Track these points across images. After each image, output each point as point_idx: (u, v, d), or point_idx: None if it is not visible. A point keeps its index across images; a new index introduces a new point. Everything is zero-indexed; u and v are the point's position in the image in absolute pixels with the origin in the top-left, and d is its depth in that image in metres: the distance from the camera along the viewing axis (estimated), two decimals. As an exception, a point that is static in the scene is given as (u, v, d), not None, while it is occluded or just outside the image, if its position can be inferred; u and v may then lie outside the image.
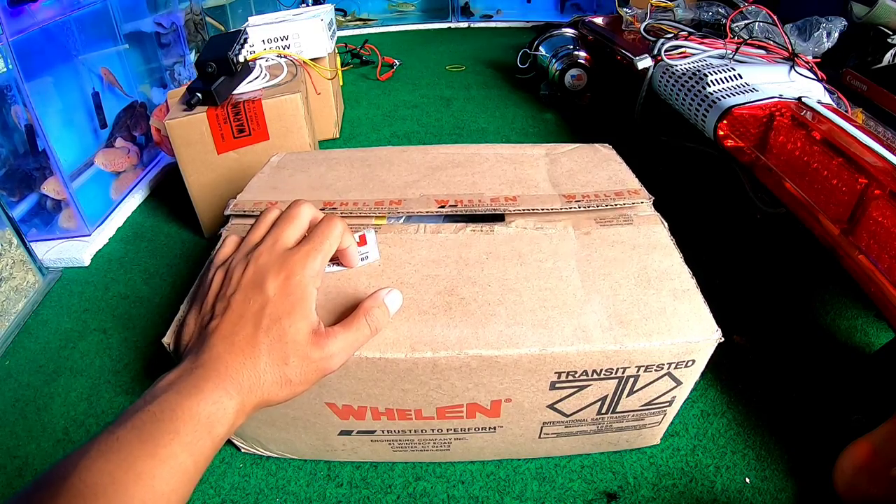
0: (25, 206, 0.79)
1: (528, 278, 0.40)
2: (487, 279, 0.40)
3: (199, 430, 0.25)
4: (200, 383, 0.27)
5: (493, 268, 0.41)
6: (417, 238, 0.44)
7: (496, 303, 0.38)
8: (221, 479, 0.48)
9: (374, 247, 0.43)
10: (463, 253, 0.43)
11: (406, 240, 0.44)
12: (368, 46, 1.55)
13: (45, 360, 0.61)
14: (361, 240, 0.44)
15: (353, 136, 1.16)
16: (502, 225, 0.45)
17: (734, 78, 0.76)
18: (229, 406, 0.27)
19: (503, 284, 0.39)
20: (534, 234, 0.44)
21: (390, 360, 0.35)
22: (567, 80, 1.18)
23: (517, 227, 0.45)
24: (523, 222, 0.46)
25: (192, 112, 0.75)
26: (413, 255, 0.43)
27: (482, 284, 0.40)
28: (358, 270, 0.41)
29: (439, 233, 0.45)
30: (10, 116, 0.75)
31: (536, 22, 1.99)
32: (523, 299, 0.38)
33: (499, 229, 0.45)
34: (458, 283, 0.40)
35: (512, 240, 0.44)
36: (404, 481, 0.47)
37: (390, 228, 0.46)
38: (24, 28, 0.74)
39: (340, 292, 0.39)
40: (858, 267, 0.51)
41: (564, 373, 0.37)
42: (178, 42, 1.23)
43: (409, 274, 0.41)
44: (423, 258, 0.42)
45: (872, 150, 0.54)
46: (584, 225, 0.45)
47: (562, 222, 0.45)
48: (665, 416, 0.44)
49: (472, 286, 0.39)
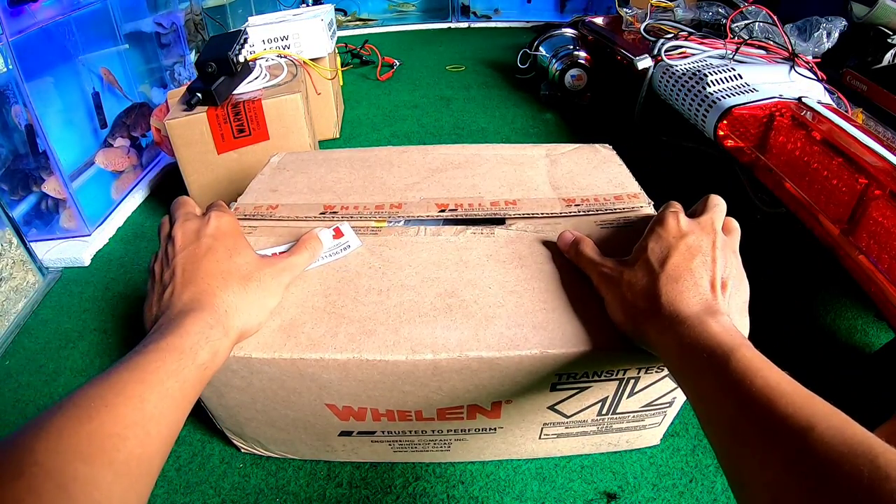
0: (25, 206, 0.79)
1: (528, 280, 0.40)
2: (488, 281, 0.40)
3: (183, 359, 0.28)
4: (179, 321, 0.30)
5: (494, 270, 0.41)
6: (418, 241, 0.44)
7: (497, 305, 0.38)
8: (221, 479, 0.48)
9: (353, 236, 0.44)
10: (463, 255, 0.43)
11: (406, 242, 0.44)
12: (368, 46, 1.55)
13: (45, 360, 0.61)
14: (337, 232, 0.44)
15: (353, 136, 1.16)
16: (502, 228, 0.45)
17: (734, 78, 0.76)
18: (211, 334, 0.30)
19: (504, 286, 0.39)
20: (534, 238, 0.44)
21: (391, 362, 0.35)
22: (567, 80, 1.18)
23: (517, 230, 0.45)
24: (524, 225, 0.46)
25: (192, 112, 0.75)
26: (413, 257, 0.43)
27: (482, 287, 0.40)
28: (358, 273, 0.41)
29: (439, 235, 0.45)
30: (10, 116, 0.74)
31: (536, 22, 1.99)
32: (524, 301, 0.38)
33: (499, 232, 0.45)
34: (458, 285, 0.40)
35: (512, 242, 0.44)
36: (404, 481, 0.47)
37: (391, 231, 0.46)
38: (24, 28, 0.74)
39: (342, 294, 0.39)
40: (858, 267, 0.51)
41: (565, 374, 0.37)
42: (178, 42, 1.23)
43: (409, 276, 0.41)
44: (423, 260, 0.42)
45: (872, 150, 0.54)
46: (585, 229, 0.45)
47: (562, 226, 0.45)
48: (665, 417, 0.44)
49: (472, 288, 0.39)
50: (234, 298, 0.33)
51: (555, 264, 0.41)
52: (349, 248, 0.43)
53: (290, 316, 0.37)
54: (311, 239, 0.42)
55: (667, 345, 0.31)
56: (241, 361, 0.35)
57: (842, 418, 0.22)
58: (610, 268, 0.36)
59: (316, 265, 0.42)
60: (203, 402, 0.41)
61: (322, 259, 0.42)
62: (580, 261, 0.40)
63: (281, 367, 0.36)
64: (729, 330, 0.29)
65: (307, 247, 0.41)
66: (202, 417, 0.51)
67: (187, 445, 0.51)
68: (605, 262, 0.37)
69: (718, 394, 0.26)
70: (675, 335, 0.30)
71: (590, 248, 0.39)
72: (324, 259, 0.42)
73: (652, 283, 0.33)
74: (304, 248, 0.41)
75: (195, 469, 0.49)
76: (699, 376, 0.28)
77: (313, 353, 0.35)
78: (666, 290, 0.32)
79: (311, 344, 0.35)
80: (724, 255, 0.33)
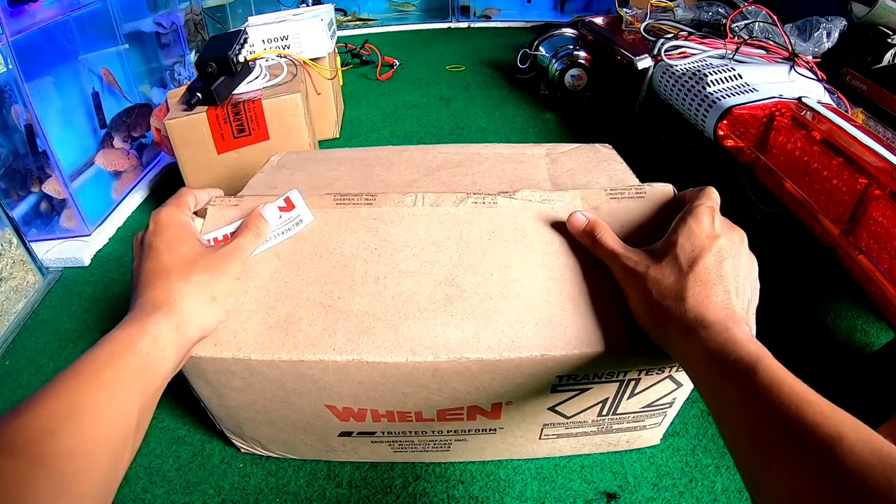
0: (25, 206, 0.79)
1: (532, 265, 0.39)
2: (489, 266, 0.39)
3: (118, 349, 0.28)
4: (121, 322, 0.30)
5: (496, 252, 0.39)
6: (416, 213, 0.42)
7: (498, 296, 0.37)
8: (221, 479, 0.48)
9: (305, 208, 0.41)
10: (464, 232, 0.41)
11: (403, 215, 0.42)
12: (368, 46, 1.55)
13: (45, 360, 0.61)
14: (287, 203, 0.41)
15: (353, 136, 1.15)
16: (506, 197, 0.43)
17: (734, 78, 0.76)
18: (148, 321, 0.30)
19: (505, 273, 0.38)
20: (539, 209, 0.42)
21: (391, 364, 0.35)
22: (567, 80, 1.18)
23: (522, 198, 0.42)
24: (529, 194, 0.43)
25: (192, 112, 0.75)
26: (411, 234, 0.41)
27: (484, 273, 0.38)
28: (354, 256, 0.39)
29: (439, 206, 0.42)
30: (10, 116, 0.74)
31: (536, 22, 1.98)
32: (526, 292, 0.37)
33: (503, 202, 0.42)
34: (458, 270, 0.38)
35: (517, 215, 0.41)
36: (404, 481, 0.47)
37: (386, 200, 0.43)
38: (24, 28, 0.74)
39: (338, 283, 0.38)
40: (858, 267, 0.51)
41: (566, 376, 0.37)
42: (178, 42, 1.23)
43: (407, 259, 0.39)
44: (421, 238, 0.40)
45: (872, 150, 0.54)
46: (594, 198, 0.42)
47: (570, 193, 0.43)
48: (665, 417, 0.44)
49: (473, 275, 0.38)
50: (178, 286, 0.32)
51: (559, 245, 0.40)
52: (301, 222, 0.41)
53: (286, 311, 0.37)
54: (255, 218, 0.39)
55: (689, 349, 0.30)
56: (240, 363, 0.35)
57: (868, 430, 0.23)
58: (634, 261, 0.35)
59: (269, 245, 0.40)
60: (203, 402, 0.41)
61: (275, 237, 0.40)
62: (598, 250, 0.37)
63: (281, 369, 0.36)
64: (752, 338, 0.29)
65: (251, 227, 0.38)
66: (202, 417, 0.51)
67: (187, 445, 0.51)
68: (629, 253, 0.35)
69: (745, 400, 0.26)
70: (699, 340, 0.30)
71: (609, 237, 0.37)
72: (276, 237, 0.40)
73: (679, 283, 0.32)
74: (248, 228, 0.38)
75: (195, 469, 0.49)
76: (723, 382, 0.28)
77: (313, 355, 0.35)
78: (693, 291, 0.31)
79: (310, 344, 0.35)
80: (749, 261, 0.33)
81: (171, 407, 0.54)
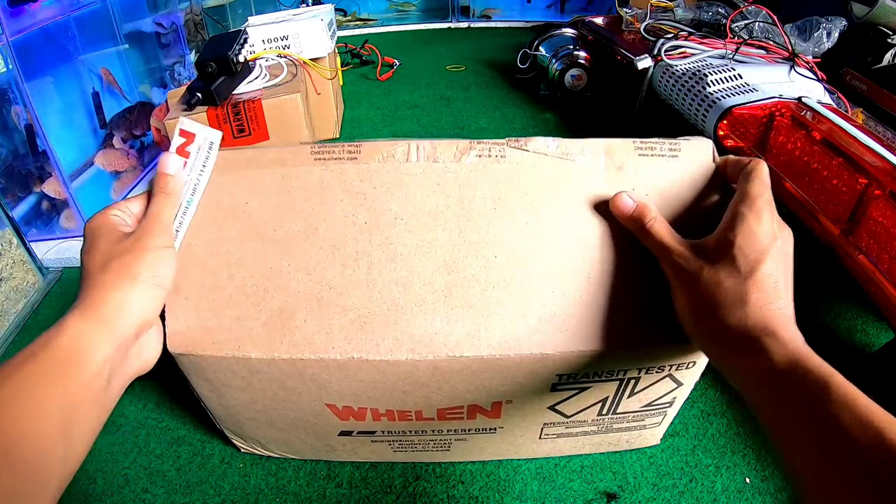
0: (25, 206, 0.79)
1: (537, 245, 0.35)
2: (493, 247, 0.35)
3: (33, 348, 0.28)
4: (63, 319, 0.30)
5: (501, 226, 0.36)
6: (410, 171, 0.37)
7: (501, 284, 0.35)
8: (221, 479, 0.48)
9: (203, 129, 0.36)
10: (465, 199, 0.36)
11: (394, 172, 0.37)
12: (368, 46, 1.55)
13: (46, 361, 0.61)
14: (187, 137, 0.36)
15: (353, 136, 1.15)
16: (516, 149, 0.37)
17: (734, 78, 0.76)
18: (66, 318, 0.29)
19: (510, 255, 0.35)
20: (555, 166, 0.37)
21: (391, 363, 0.35)
22: (567, 80, 1.18)
23: (535, 151, 0.37)
24: (543, 144, 0.37)
25: (192, 112, 0.75)
26: (405, 202, 0.36)
27: (487, 256, 0.35)
28: (343, 234, 0.36)
29: (436, 161, 0.37)
30: (10, 116, 0.74)
31: (536, 22, 1.98)
32: (530, 280, 0.35)
33: (512, 155, 0.37)
34: (458, 252, 0.35)
35: (525, 172, 0.36)
36: (404, 481, 0.47)
37: (373, 154, 0.37)
38: (24, 28, 0.74)
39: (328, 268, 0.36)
40: (858, 267, 0.51)
41: (566, 375, 0.37)
42: (178, 42, 1.23)
43: (400, 235, 0.36)
44: (416, 208, 0.36)
45: (872, 150, 0.54)
46: (620, 155, 0.37)
47: (592, 143, 0.37)
48: (665, 417, 0.44)
49: (475, 257, 0.35)
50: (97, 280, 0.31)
51: (569, 223, 0.36)
52: (213, 144, 0.36)
53: (278, 303, 0.35)
54: (158, 177, 0.35)
55: (745, 361, 0.29)
56: (240, 362, 0.35)
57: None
58: (687, 259, 0.32)
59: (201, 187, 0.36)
60: (203, 401, 0.41)
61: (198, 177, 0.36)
62: (647, 240, 0.34)
63: (281, 368, 0.36)
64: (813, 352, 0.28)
65: (157, 188, 0.35)
66: (202, 417, 0.51)
67: (187, 445, 0.51)
68: (682, 249, 0.32)
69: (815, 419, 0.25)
70: (760, 351, 0.28)
71: (661, 227, 0.33)
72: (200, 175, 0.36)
73: (737, 289, 0.29)
74: (155, 192, 0.35)
75: (195, 469, 0.49)
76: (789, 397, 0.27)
77: (312, 354, 0.35)
78: (754, 298, 0.29)
79: (309, 342, 0.35)
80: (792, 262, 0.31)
81: (171, 407, 0.54)
